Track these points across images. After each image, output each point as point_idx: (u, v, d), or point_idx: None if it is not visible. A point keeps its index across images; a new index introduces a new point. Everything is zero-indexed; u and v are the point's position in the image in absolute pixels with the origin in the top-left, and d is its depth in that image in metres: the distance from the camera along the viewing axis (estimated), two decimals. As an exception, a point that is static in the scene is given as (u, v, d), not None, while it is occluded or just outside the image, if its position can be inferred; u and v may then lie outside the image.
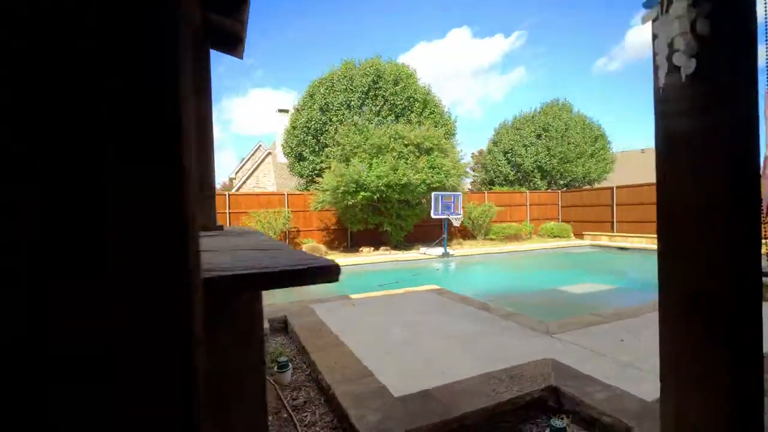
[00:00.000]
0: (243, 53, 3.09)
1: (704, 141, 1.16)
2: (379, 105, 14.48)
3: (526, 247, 13.10)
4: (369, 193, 10.16)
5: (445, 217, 10.86)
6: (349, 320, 4.24)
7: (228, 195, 12.50)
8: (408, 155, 10.85)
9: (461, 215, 11.29)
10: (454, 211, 10.68)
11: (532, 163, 18.77)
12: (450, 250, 11.09)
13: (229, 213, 12.20)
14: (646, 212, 13.70)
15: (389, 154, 10.67)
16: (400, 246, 12.42)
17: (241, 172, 26.17)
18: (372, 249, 12.01)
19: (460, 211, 10.93)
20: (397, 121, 14.19)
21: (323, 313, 4.39)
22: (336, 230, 13.36)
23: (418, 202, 11.56)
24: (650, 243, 12.70)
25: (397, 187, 10.22)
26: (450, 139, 14.22)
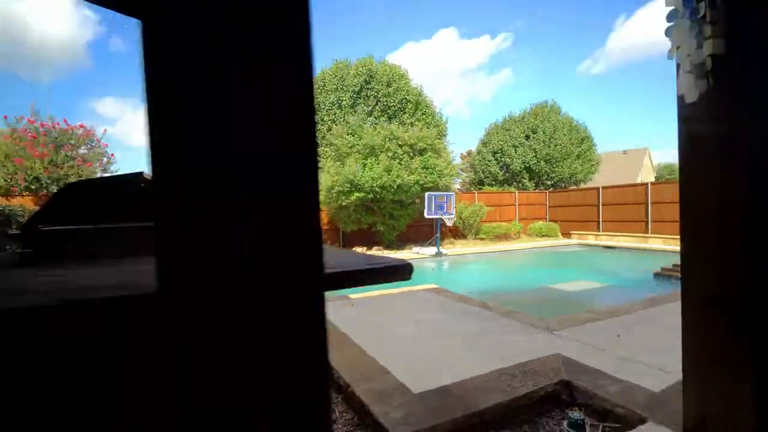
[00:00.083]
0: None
1: (723, 147, 1.24)
2: (372, 105, 14.51)
3: (516, 246, 13.32)
4: (363, 194, 10.18)
5: (438, 217, 10.97)
6: (352, 320, 4.26)
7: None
8: (402, 156, 10.92)
9: (454, 215, 11.42)
10: (446, 211, 10.79)
11: (521, 163, 19.08)
12: (443, 250, 11.21)
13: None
14: (631, 212, 14.10)
15: (384, 154, 10.72)
16: (393, 246, 12.48)
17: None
18: (365, 249, 12.04)
19: (453, 211, 11.05)
20: (390, 122, 14.24)
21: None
22: (328, 230, 13.32)
23: (411, 202, 11.65)
24: (635, 242, 13.08)
25: (391, 188, 10.28)
26: (441, 140, 14.36)
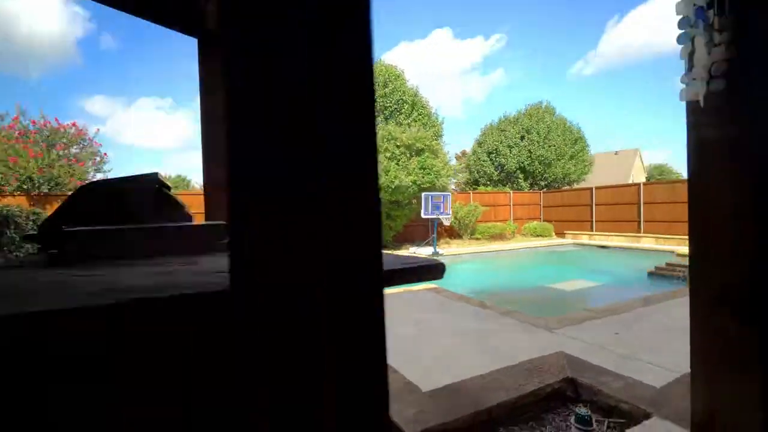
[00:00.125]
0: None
1: (733, 150, 1.29)
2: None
3: (512, 246, 13.43)
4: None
5: (435, 217, 11.03)
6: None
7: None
8: (400, 156, 10.96)
9: (450, 215, 11.49)
10: (443, 211, 10.86)
11: (516, 163, 19.23)
12: (439, 250, 11.26)
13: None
14: (623, 212, 14.29)
15: (381, 155, 10.75)
16: (389, 246, 12.52)
17: (223, 172, 25.68)
18: (361, 249, 12.03)
19: (449, 211, 11.12)
20: (387, 122, 14.27)
21: (328, 313, 4.43)
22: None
23: (408, 203, 11.69)
24: (628, 241, 13.26)
25: (388, 189, 10.32)
26: (438, 140, 14.43)
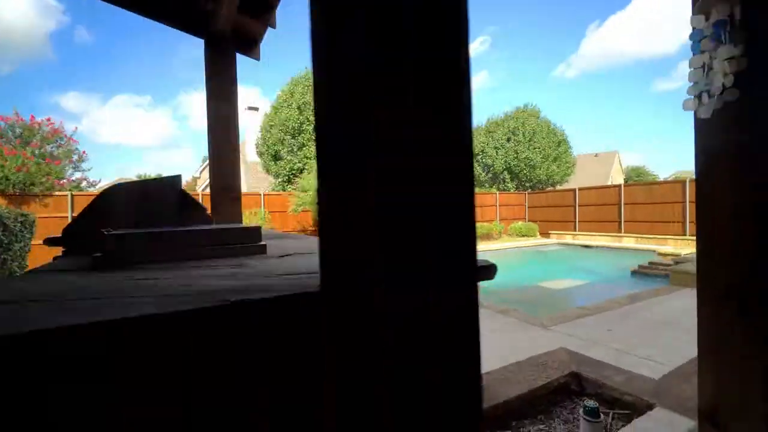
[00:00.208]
0: (260, 54, 3.09)
1: (738, 156, 1.39)
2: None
3: (499, 246, 13.68)
4: (351, 194, 10.21)
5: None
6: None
7: (201, 195, 12.06)
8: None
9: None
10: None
11: (503, 164, 19.57)
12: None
13: (203, 214, 11.77)
14: (605, 212, 14.73)
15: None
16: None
17: (206, 171, 25.15)
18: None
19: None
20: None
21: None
22: (313, 232, 13.26)
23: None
24: (610, 241, 13.68)
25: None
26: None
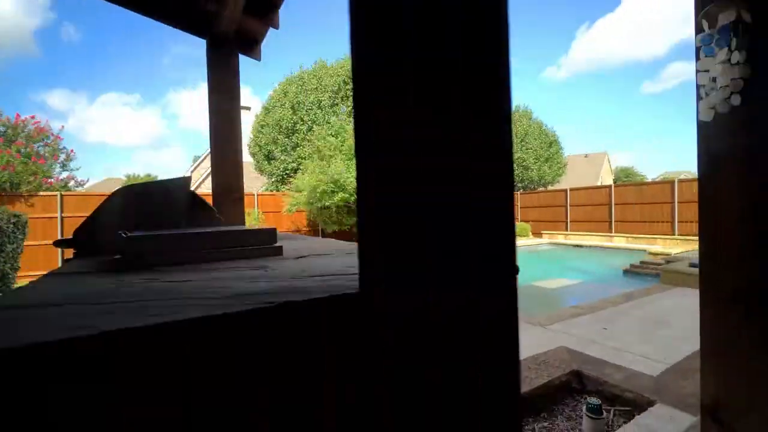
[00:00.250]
0: (260, 54, 3.08)
1: (745, 159, 1.43)
2: (351, 106, 14.54)
3: (492, 245, 13.78)
4: (347, 195, 10.21)
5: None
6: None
7: (193, 195, 11.93)
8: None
9: (434, 216, 11.65)
10: (428, 212, 11.01)
11: (494, 165, 19.74)
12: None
13: (195, 214, 11.64)
14: (596, 212, 14.95)
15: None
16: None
17: (198, 171, 24.88)
18: (346, 250, 12.01)
19: (434, 212, 11.29)
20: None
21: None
22: (307, 232, 13.21)
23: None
24: (601, 240, 13.88)
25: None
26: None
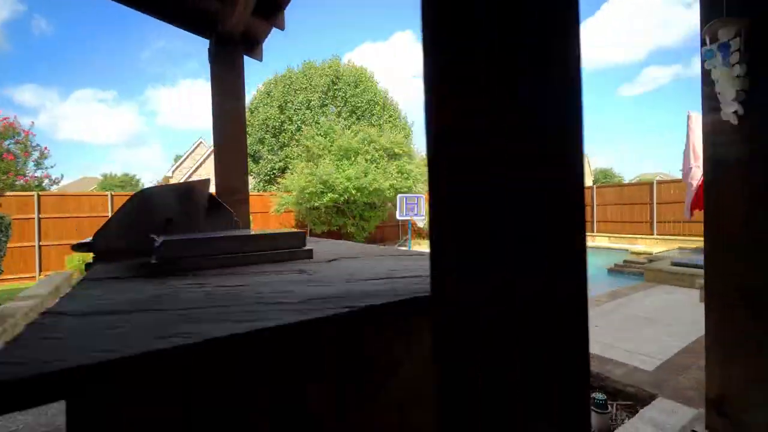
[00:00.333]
0: (262, 54, 3.06)
1: (745, 167, 1.51)
2: (340, 106, 14.48)
3: (479, 246, 13.99)
4: (336, 195, 10.17)
5: (409, 219, 11.23)
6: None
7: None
8: (379, 160, 11.07)
9: (424, 217, 11.73)
10: (417, 213, 11.08)
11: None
12: (416, 250, 11.46)
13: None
14: (586, 211, 15.34)
15: (361, 157, 10.79)
16: (362, 247, 12.55)
17: (180, 171, 24.29)
18: (335, 250, 11.95)
19: (423, 213, 11.36)
20: (359, 122, 14.32)
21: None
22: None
23: (382, 204, 11.82)
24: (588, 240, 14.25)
25: (365, 190, 10.38)
26: (411, 145, 14.69)
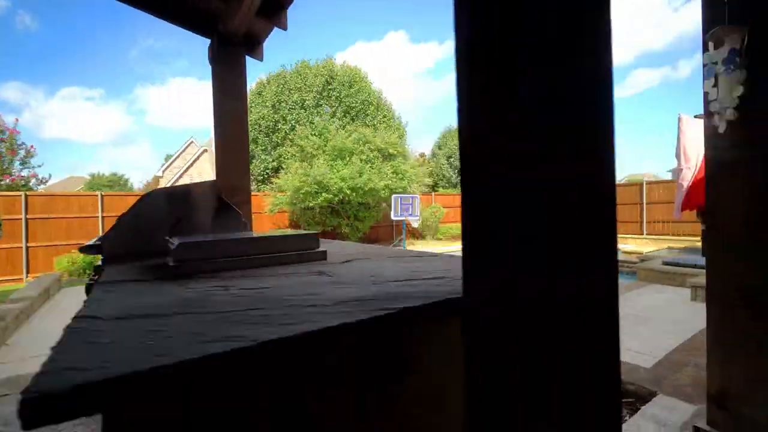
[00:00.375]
0: (262, 54, 3.04)
1: (747, 165, 1.55)
2: (335, 106, 14.46)
3: (473, 246, 14.08)
4: (331, 195, 10.15)
5: (404, 219, 11.26)
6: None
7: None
8: (374, 160, 11.08)
9: (419, 217, 11.78)
10: (412, 213, 11.12)
11: (472, 167, 20.17)
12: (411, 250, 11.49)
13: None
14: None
15: (356, 157, 10.78)
16: (357, 247, 12.54)
17: (171, 170, 23.98)
18: (329, 251, 11.93)
19: (418, 213, 11.41)
20: (353, 122, 14.32)
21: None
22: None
23: (376, 204, 11.82)
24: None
25: (360, 191, 10.38)
26: (401, 143, 14.72)
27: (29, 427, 0.35)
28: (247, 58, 2.97)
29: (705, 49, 1.61)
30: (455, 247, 13.57)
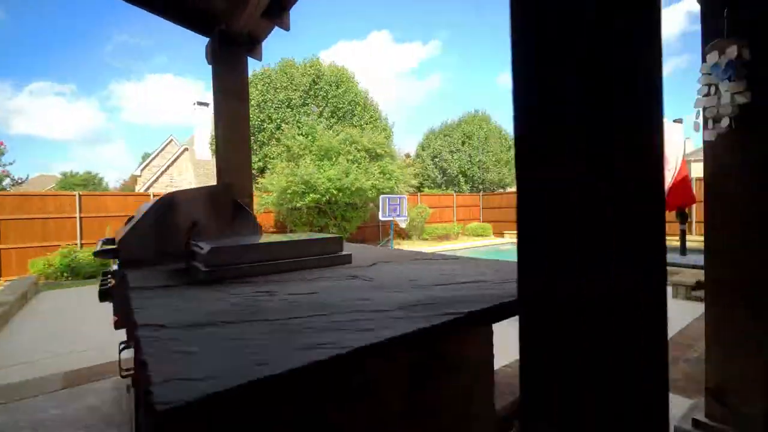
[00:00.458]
0: (261, 54, 3.01)
1: (744, 170, 1.64)
2: (322, 106, 14.36)
3: (460, 245, 14.22)
4: (318, 195, 10.08)
5: (392, 219, 11.30)
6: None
7: (152, 195, 11.18)
8: (361, 160, 11.05)
9: (407, 217, 11.83)
10: (399, 214, 11.16)
11: (458, 168, 20.36)
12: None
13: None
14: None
15: (343, 157, 10.73)
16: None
17: (149, 169, 23.29)
18: (316, 251, 11.84)
19: (406, 214, 11.46)
20: (340, 122, 14.25)
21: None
22: (274, 233, 12.87)
23: (364, 204, 11.81)
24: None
25: (348, 191, 10.34)
26: (388, 144, 14.75)
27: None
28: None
29: (704, 59, 1.70)
30: (442, 247, 13.69)
